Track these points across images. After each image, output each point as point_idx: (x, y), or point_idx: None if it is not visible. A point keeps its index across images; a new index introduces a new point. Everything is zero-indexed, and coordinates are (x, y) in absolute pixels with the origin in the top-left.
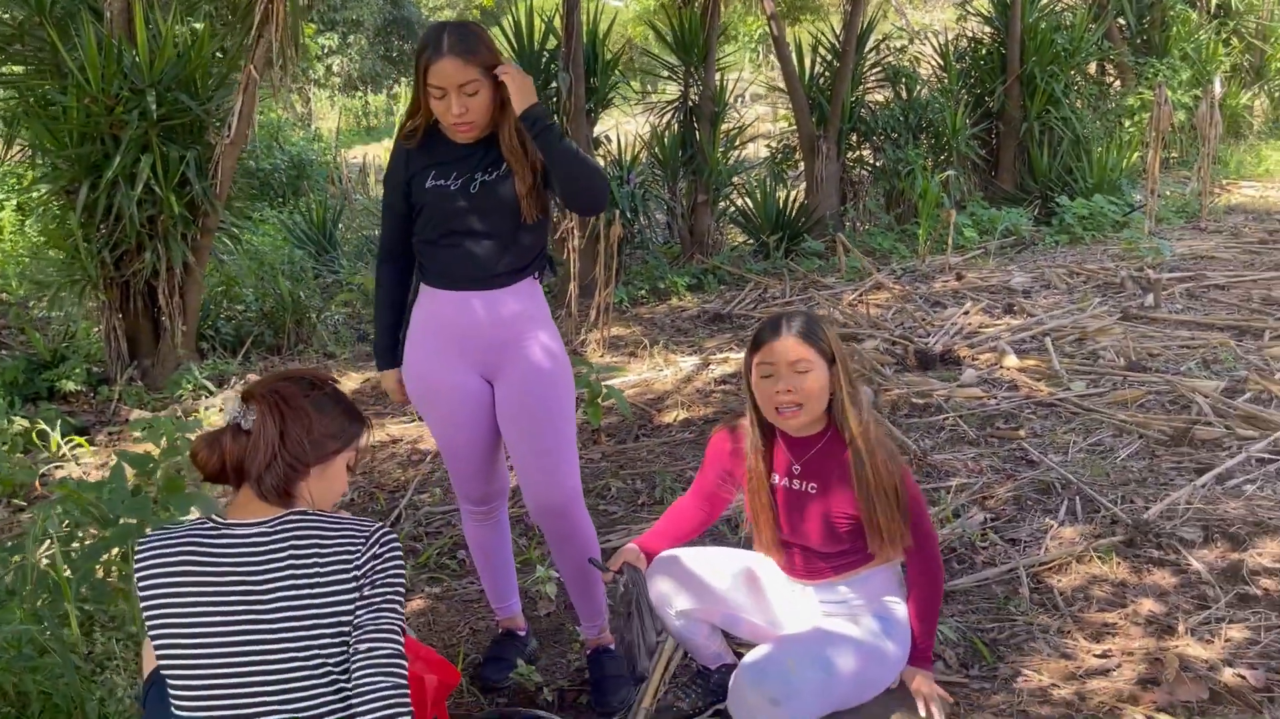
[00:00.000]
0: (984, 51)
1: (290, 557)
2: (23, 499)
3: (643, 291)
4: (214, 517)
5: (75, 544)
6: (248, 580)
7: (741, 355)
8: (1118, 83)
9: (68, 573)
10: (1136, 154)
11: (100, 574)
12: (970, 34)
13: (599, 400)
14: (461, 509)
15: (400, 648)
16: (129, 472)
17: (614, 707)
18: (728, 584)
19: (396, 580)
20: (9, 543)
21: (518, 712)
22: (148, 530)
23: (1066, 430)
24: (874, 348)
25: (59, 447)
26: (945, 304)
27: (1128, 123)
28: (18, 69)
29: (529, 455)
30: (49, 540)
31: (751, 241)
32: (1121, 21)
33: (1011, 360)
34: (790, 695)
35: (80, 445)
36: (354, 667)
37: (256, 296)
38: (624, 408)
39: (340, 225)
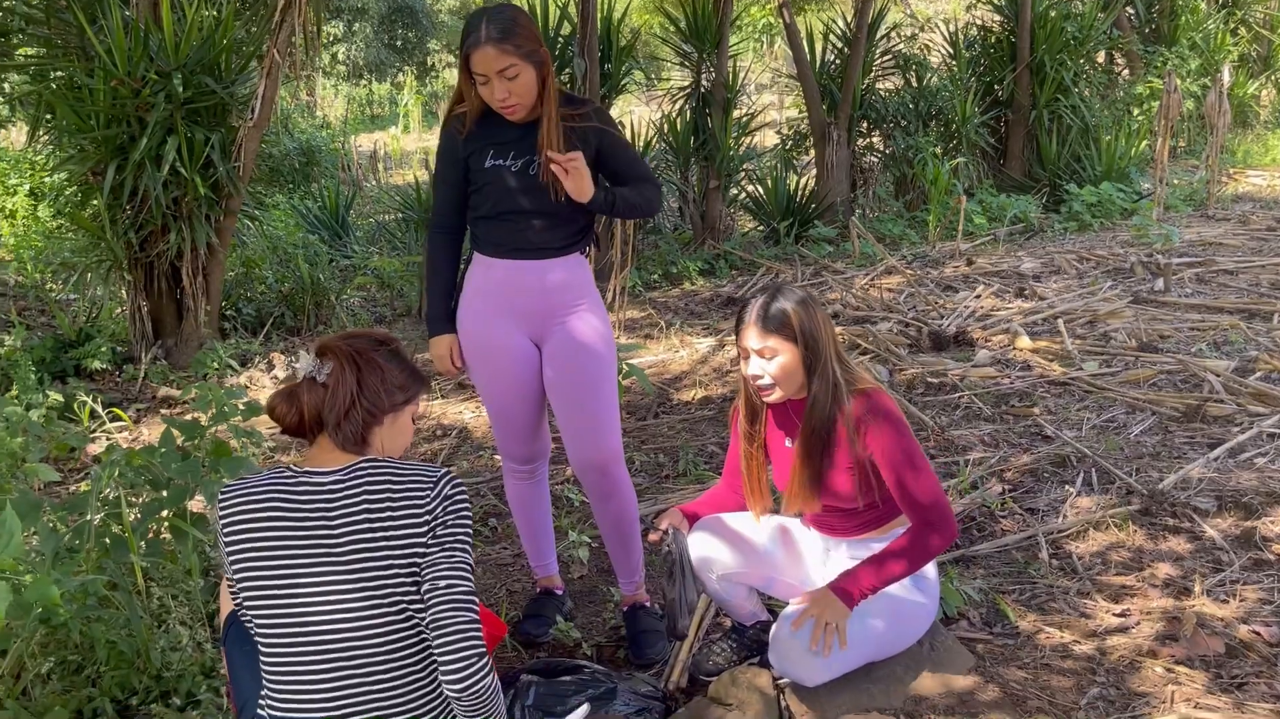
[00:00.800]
0: (993, 40)
1: (364, 501)
2: (60, 471)
3: (655, 276)
4: (291, 465)
5: (129, 506)
6: (325, 524)
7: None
8: (1126, 71)
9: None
10: (1145, 142)
11: (151, 534)
12: (980, 22)
13: (620, 378)
14: (505, 467)
15: (472, 585)
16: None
17: (651, 659)
18: (765, 543)
19: (465, 522)
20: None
21: (562, 663)
22: (198, 492)
23: (1080, 408)
24: (888, 329)
25: (93, 416)
26: (957, 288)
27: (1136, 111)
28: (43, 51)
29: (573, 417)
30: (99, 500)
31: (762, 227)
32: (1130, 10)
33: (1024, 342)
34: (830, 645)
35: (120, 417)
36: (432, 602)
37: (276, 279)
38: (646, 384)
39: (352, 211)
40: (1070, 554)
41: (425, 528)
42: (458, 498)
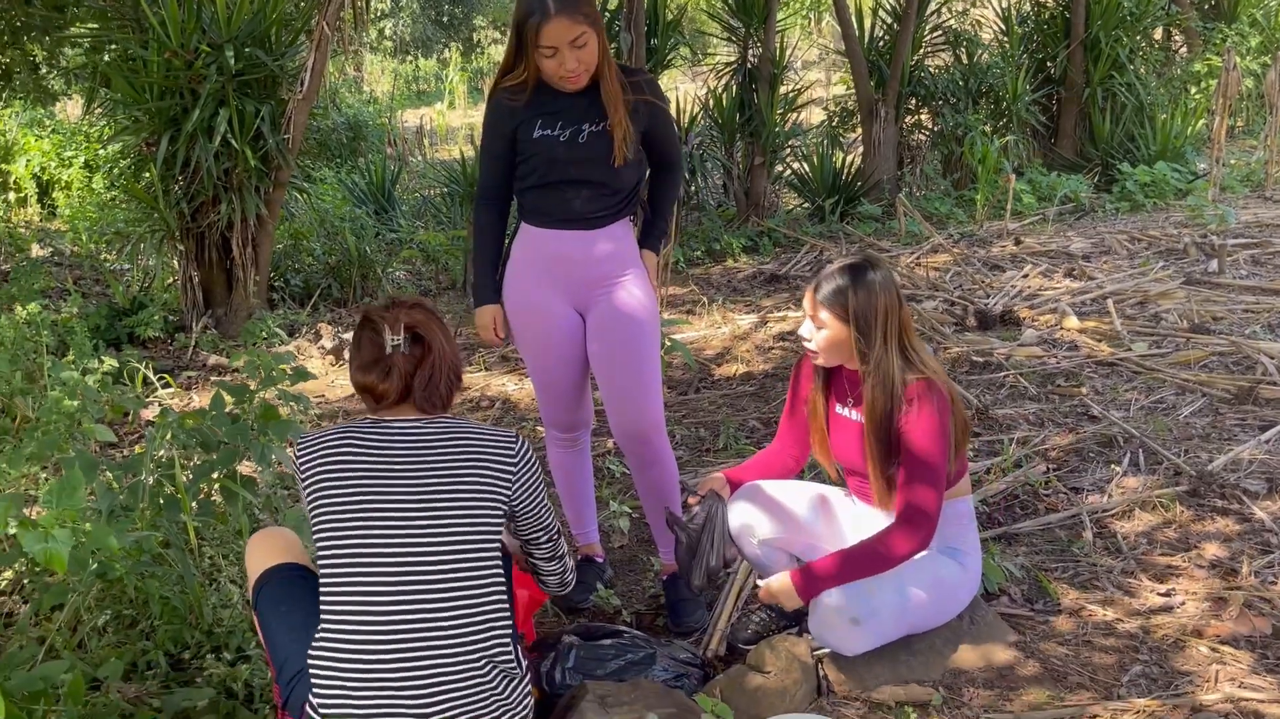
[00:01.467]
0: (1047, 15)
1: (448, 443)
2: (116, 434)
3: (698, 253)
4: (368, 417)
5: (181, 467)
6: (406, 462)
7: (798, 314)
8: (1184, 49)
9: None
10: (1202, 122)
11: (203, 495)
12: None
13: (662, 353)
14: (548, 435)
15: (557, 522)
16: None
17: (690, 627)
18: (806, 511)
19: (540, 473)
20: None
21: (602, 628)
22: (249, 456)
23: (1128, 388)
24: (934, 308)
25: (145, 382)
26: (1004, 268)
27: (1194, 89)
28: (96, 25)
29: (615, 385)
30: (152, 462)
31: (807, 205)
32: None
33: (1072, 321)
34: (870, 615)
35: (169, 384)
36: (541, 541)
37: (324, 251)
38: (689, 359)
39: (397, 186)
40: (1115, 533)
41: (509, 481)
42: (533, 457)
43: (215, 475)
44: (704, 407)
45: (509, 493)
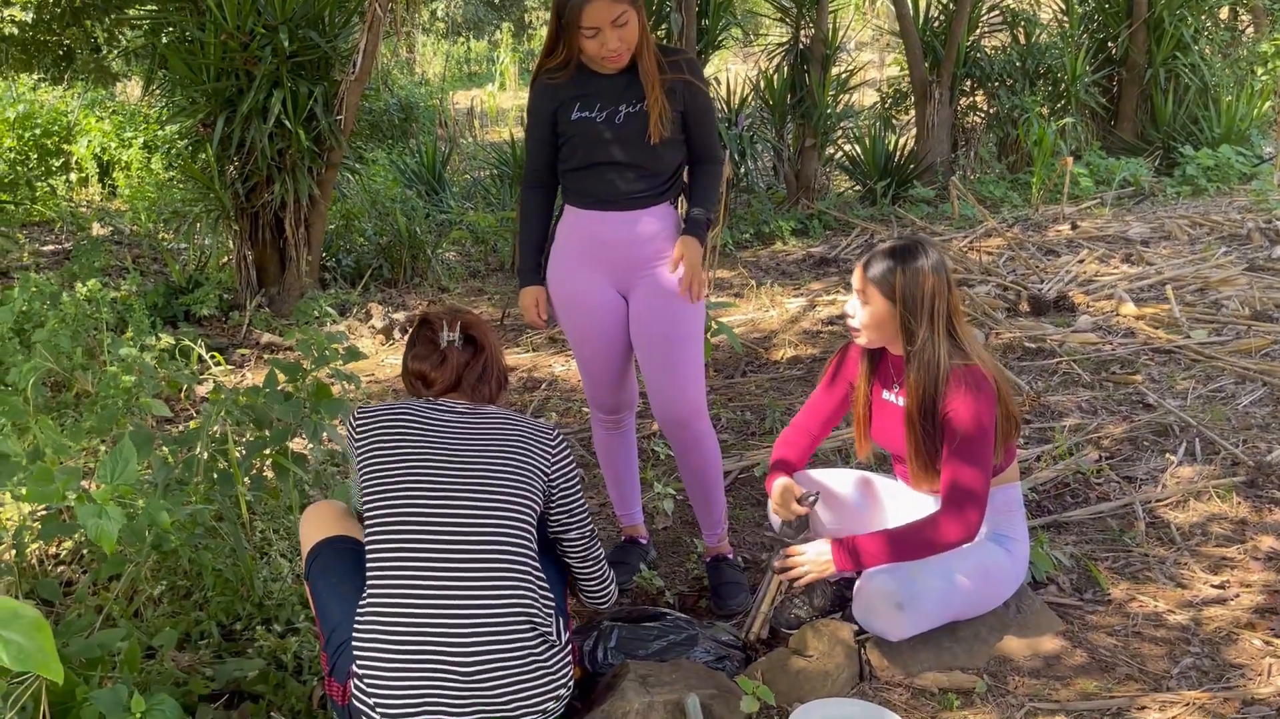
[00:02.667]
0: None
1: (495, 425)
2: (171, 410)
3: (747, 235)
4: (426, 396)
5: (235, 442)
6: (457, 437)
7: (847, 298)
8: (1251, 29)
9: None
10: (1268, 103)
11: (255, 470)
12: None
13: (708, 335)
14: (593, 417)
15: (592, 522)
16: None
17: (733, 609)
18: (853, 495)
19: (576, 467)
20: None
21: (645, 609)
22: (301, 433)
23: (1185, 376)
24: (986, 293)
25: (199, 360)
26: (1059, 252)
27: (1260, 70)
28: (155, 7)
29: (658, 369)
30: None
31: (858, 187)
32: None
33: (1129, 308)
34: (914, 600)
35: (219, 362)
36: (571, 536)
37: (375, 232)
38: (735, 342)
39: (448, 167)
40: (1168, 524)
41: (547, 461)
42: (569, 448)
43: (268, 451)
44: (750, 390)
45: (546, 473)
